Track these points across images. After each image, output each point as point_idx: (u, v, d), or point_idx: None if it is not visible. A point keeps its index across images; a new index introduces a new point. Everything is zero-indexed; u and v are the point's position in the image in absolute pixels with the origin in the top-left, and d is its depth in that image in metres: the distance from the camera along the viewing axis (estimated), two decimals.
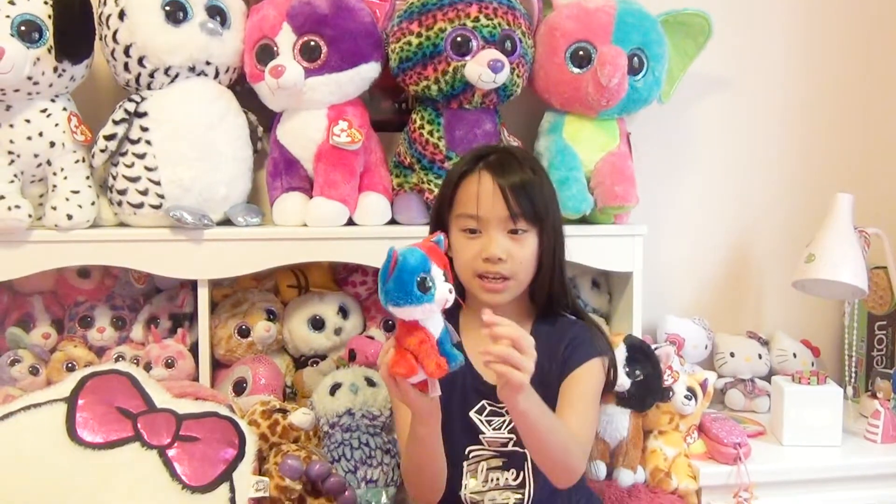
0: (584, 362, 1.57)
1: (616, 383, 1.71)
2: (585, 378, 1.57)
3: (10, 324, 2.06)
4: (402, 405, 1.51)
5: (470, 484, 1.61)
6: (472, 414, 1.62)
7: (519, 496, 1.60)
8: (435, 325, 1.30)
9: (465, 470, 1.61)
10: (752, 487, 1.93)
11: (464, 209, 1.59)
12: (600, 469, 1.93)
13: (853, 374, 2.37)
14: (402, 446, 1.59)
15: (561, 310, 1.68)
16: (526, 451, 1.56)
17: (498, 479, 1.60)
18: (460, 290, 1.60)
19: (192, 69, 1.94)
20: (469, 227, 1.59)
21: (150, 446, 1.68)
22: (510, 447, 1.59)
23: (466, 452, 1.61)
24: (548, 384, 1.55)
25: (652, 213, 2.25)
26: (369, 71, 2.00)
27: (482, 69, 1.91)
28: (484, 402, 1.61)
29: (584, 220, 2.09)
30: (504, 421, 1.59)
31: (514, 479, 1.60)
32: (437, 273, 1.28)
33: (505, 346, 1.30)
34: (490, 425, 1.60)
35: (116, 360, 2.02)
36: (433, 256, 1.29)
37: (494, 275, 1.57)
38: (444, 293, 1.27)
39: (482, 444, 1.61)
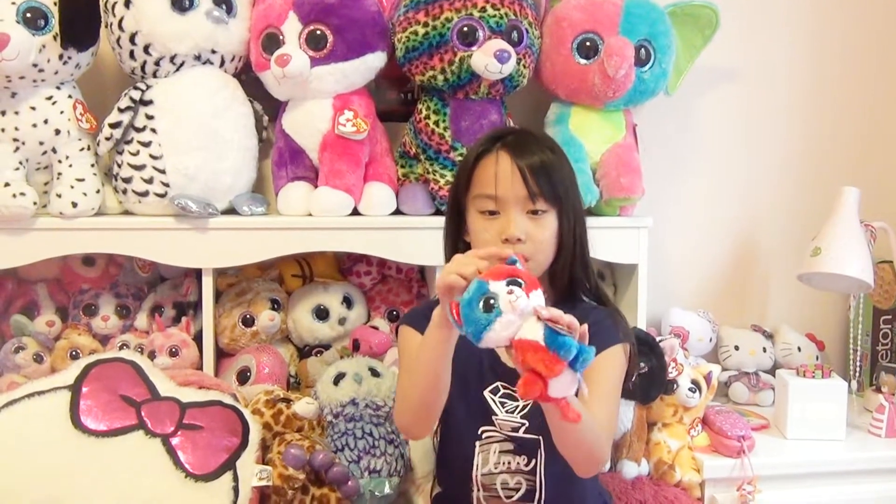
0: (606, 348, 1.52)
1: (637, 371, 1.66)
2: (608, 365, 1.51)
3: (14, 311, 2.06)
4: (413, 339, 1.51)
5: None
6: (486, 393, 1.60)
7: (531, 483, 1.59)
8: (534, 330, 1.23)
9: (477, 450, 1.61)
10: (755, 480, 1.93)
11: (481, 190, 1.56)
12: None
13: (858, 368, 2.36)
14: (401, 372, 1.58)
15: (583, 293, 1.65)
16: (540, 438, 1.54)
17: (509, 462, 1.59)
18: None
19: (197, 57, 1.94)
20: (487, 208, 1.55)
21: (153, 434, 1.68)
22: (521, 433, 1.57)
23: (479, 432, 1.60)
24: None
25: (657, 206, 2.25)
26: (375, 60, 2.00)
27: (488, 59, 1.91)
28: (498, 383, 1.59)
29: (589, 212, 2.07)
30: (517, 406, 1.57)
31: (526, 465, 1.59)
32: (497, 288, 1.24)
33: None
34: (503, 407, 1.59)
35: (120, 348, 2.02)
36: (494, 274, 1.26)
37: None
38: (505, 302, 1.22)
39: (494, 426, 1.60)
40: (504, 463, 1.59)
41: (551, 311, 1.22)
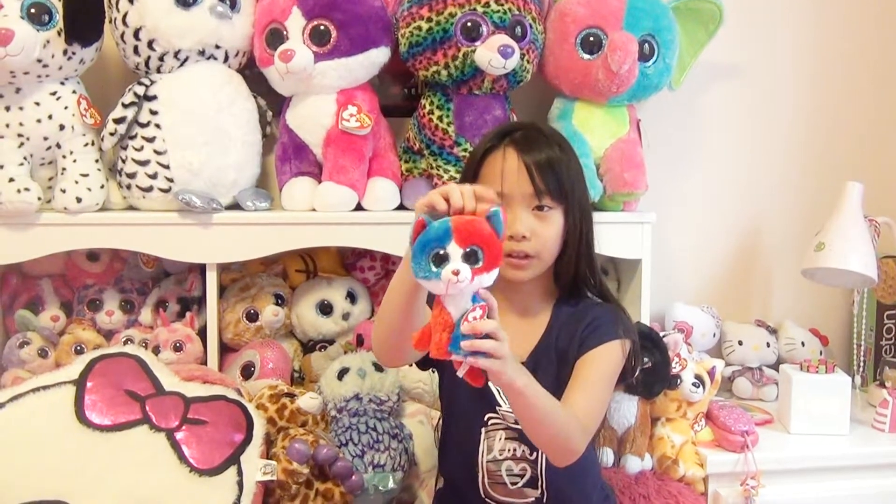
0: (602, 343, 1.54)
1: (638, 370, 1.67)
2: (601, 358, 1.53)
3: (19, 306, 2.07)
4: None
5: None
6: (490, 383, 1.60)
7: (534, 471, 1.59)
8: (456, 305, 1.23)
9: (482, 436, 1.61)
10: (759, 475, 1.93)
11: (488, 186, 1.55)
12: (608, 456, 1.94)
13: (861, 364, 2.36)
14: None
15: (587, 290, 1.65)
16: None
17: (514, 449, 1.60)
18: None
19: (201, 53, 1.94)
20: None
21: (158, 429, 1.68)
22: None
23: (485, 419, 1.61)
24: (566, 365, 1.54)
25: (661, 201, 2.25)
26: (379, 56, 2.00)
27: (492, 55, 1.90)
28: None
29: (592, 207, 2.06)
30: None
31: (530, 455, 1.59)
32: (454, 252, 1.21)
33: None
34: (507, 400, 1.60)
35: (125, 343, 2.02)
36: (463, 232, 1.22)
37: (518, 253, 1.54)
38: (447, 274, 1.19)
39: (498, 415, 1.61)
40: (509, 450, 1.60)
41: (475, 324, 1.21)
